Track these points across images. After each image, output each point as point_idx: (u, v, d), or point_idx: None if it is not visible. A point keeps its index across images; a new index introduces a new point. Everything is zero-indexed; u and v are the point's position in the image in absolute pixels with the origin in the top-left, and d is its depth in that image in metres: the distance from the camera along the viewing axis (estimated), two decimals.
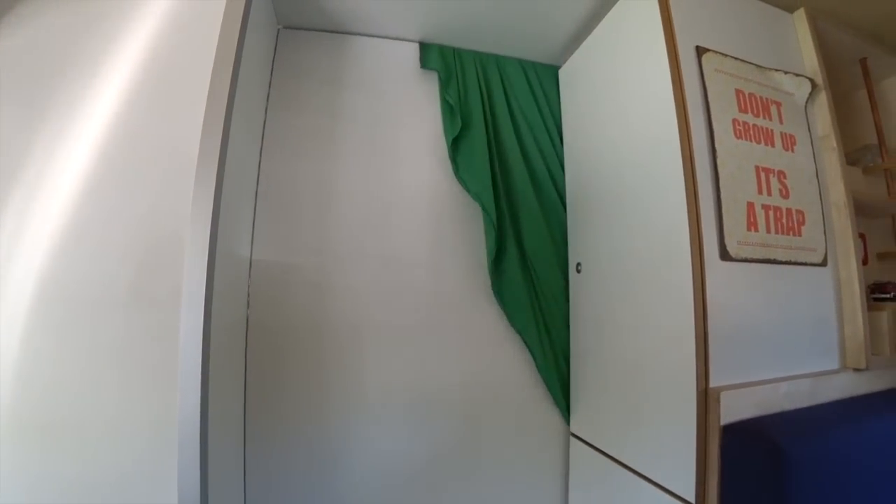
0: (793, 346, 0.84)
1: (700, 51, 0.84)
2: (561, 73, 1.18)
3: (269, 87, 1.10)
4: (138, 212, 0.82)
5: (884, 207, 1.08)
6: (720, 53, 0.86)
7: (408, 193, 1.14)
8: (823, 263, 0.88)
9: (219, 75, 0.83)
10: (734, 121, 0.83)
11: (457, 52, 1.23)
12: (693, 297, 0.73)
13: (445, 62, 1.20)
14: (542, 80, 1.25)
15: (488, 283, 1.12)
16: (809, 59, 0.97)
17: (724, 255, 0.77)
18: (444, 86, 1.18)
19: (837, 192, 0.91)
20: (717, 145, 0.80)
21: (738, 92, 0.85)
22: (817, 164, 0.92)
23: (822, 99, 0.94)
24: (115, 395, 0.76)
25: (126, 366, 0.76)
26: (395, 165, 1.16)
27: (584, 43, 1.08)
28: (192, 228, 0.77)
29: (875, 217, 1.11)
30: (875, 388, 0.91)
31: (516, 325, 1.10)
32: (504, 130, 1.20)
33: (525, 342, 1.12)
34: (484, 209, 1.10)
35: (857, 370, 0.88)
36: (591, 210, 1.02)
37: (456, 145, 1.15)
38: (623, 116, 0.92)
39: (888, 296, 0.98)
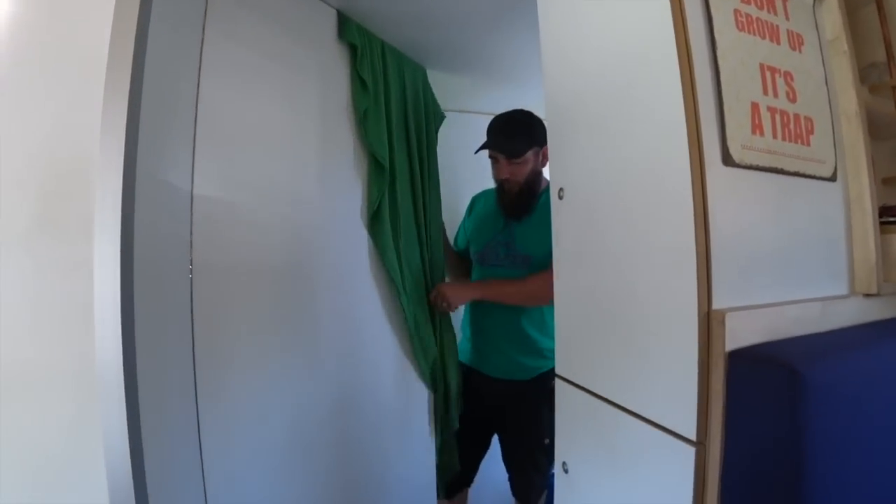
0: (799, 268, 0.75)
1: None
2: None
3: (206, 5, 0.96)
4: (41, 129, 0.69)
5: (891, 127, 0.99)
6: None
7: (324, 146, 1.17)
8: (833, 178, 0.79)
9: None
10: (736, 11, 0.72)
11: (368, 33, 1.32)
12: (693, 208, 0.64)
13: (361, 39, 1.28)
14: (416, 79, 1.51)
15: None
16: None
17: (727, 159, 0.67)
18: (360, 62, 1.26)
19: (848, 101, 0.82)
20: (716, 36, 0.69)
21: None
22: (826, 69, 0.82)
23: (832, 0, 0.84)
24: (25, 340, 0.65)
25: (35, 306, 0.65)
26: (315, 121, 1.17)
27: None
28: (102, 141, 0.65)
29: (882, 139, 1.03)
30: (885, 316, 0.83)
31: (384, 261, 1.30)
32: (395, 112, 1.37)
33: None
34: (381, 161, 1.26)
35: (867, 296, 0.80)
36: (573, 128, 0.91)
37: (365, 115, 1.27)
38: (612, 13, 0.80)
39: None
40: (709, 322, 0.64)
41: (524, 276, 1.44)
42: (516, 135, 1.43)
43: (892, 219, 0.90)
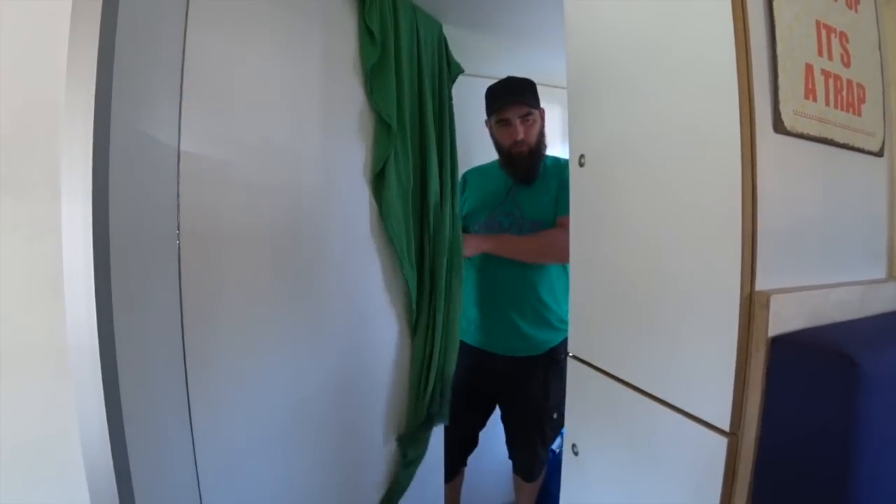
0: (841, 249, 0.70)
1: None
2: None
3: None
4: None
5: None
6: None
7: (327, 103, 1.08)
8: (880, 153, 0.73)
9: None
10: None
11: None
12: (741, 179, 0.57)
13: None
14: (430, 34, 1.37)
15: None
16: None
17: (778, 126, 0.60)
18: (367, 11, 1.14)
19: None
20: None
21: None
22: (880, 31, 0.75)
23: None
24: None
25: None
26: (318, 75, 1.06)
27: None
28: (69, 82, 0.56)
29: None
30: None
31: (387, 228, 1.19)
32: (407, 68, 1.25)
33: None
34: (388, 121, 1.14)
35: None
36: (598, 89, 0.83)
37: (373, 71, 1.16)
38: None
39: None
40: (751, 304, 0.58)
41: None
42: (525, 90, 1.43)
43: None
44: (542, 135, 1.46)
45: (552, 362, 1.42)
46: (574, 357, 0.88)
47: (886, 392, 0.54)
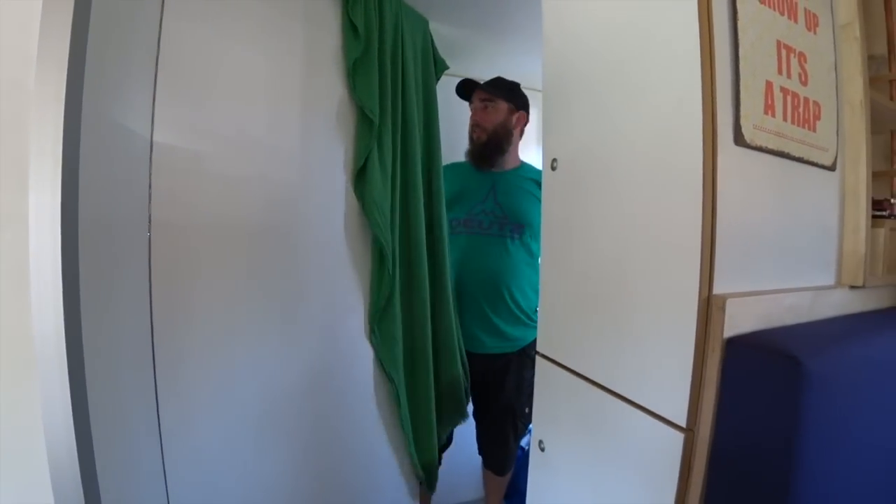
0: (793, 256, 0.74)
1: None
2: None
3: None
4: None
5: (884, 122, 0.99)
6: None
7: (306, 97, 1.06)
8: (832, 167, 0.78)
9: None
10: None
11: None
12: (702, 188, 0.60)
13: None
14: (416, 30, 1.37)
15: None
16: None
17: (739, 138, 0.64)
18: (351, 5, 1.14)
19: (854, 89, 0.80)
20: (738, 6, 0.65)
21: None
22: (836, 54, 0.79)
23: None
24: None
25: None
26: (298, 68, 1.05)
27: None
28: (39, 68, 0.55)
29: (875, 133, 1.02)
30: (867, 308, 0.84)
31: (372, 225, 1.16)
32: (390, 64, 1.24)
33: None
34: (370, 115, 1.14)
35: (852, 287, 0.81)
36: (571, 96, 0.86)
37: (355, 66, 1.15)
38: None
39: (884, 213, 0.91)
40: (708, 307, 0.62)
41: (514, 239, 1.48)
42: (496, 84, 1.52)
43: (880, 213, 0.90)
44: (504, 127, 1.50)
45: (526, 358, 1.45)
46: (541, 355, 0.90)
47: (830, 391, 0.58)
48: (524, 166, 1.59)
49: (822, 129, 0.75)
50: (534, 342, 1.46)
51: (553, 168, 0.88)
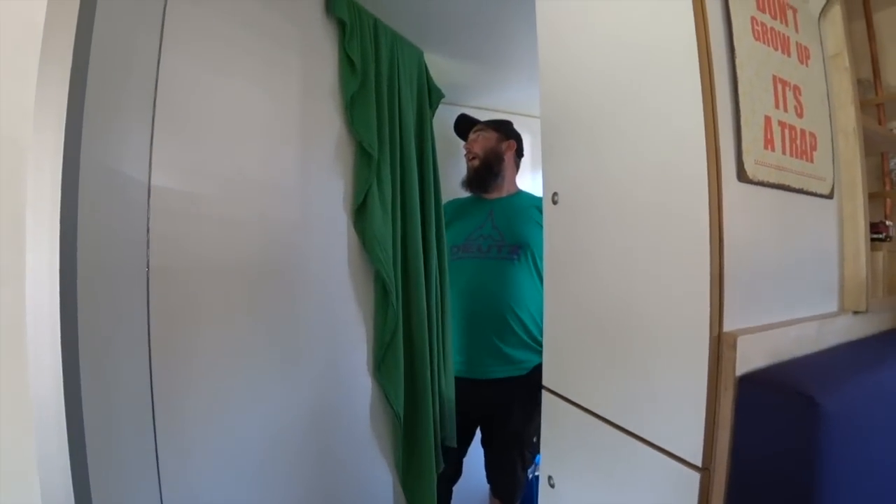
0: (798, 286, 0.74)
1: None
2: None
3: None
4: None
5: (874, 144, 1.01)
6: None
7: (305, 133, 1.05)
8: (830, 195, 0.79)
9: None
10: (753, 19, 0.69)
11: (358, 7, 1.20)
12: (709, 225, 0.60)
13: (350, 15, 1.16)
14: (411, 62, 1.39)
15: None
16: None
17: (741, 175, 0.64)
18: (348, 39, 1.14)
19: (847, 118, 0.82)
20: (735, 44, 0.66)
21: None
22: (828, 84, 0.81)
23: (837, 12, 0.83)
24: None
25: None
26: (295, 104, 1.05)
27: None
28: (37, 120, 0.54)
29: (865, 155, 1.05)
30: (870, 332, 0.85)
31: (374, 261, 1.16)
32: (387, 97, 1.25)
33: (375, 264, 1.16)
34: (369, 150, 1.13)
35: (856, 313, 0.81)
36: (572, 129, 0.86)
37: (352, 100, 1.15)
38: (620, 8, 0.75)
39: (881, 236, 0.92)
40: (719, 345, 0.61)
41: (514, 261, 1.49)
42: (486, 121, 1.63)
43: (877, 236, 0.91)
44: (496, 153, 1.58)
45: (535, 384, 1.44)
46: (548, 389, 0.89)
47: (845, 427, 0.57)
48: (521, 193, 1.64)
49: (818, 158, 0.77)
50: (541, 365, 1.46)
51: (554, 202, 0.88)
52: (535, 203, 1.57)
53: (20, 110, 0.55)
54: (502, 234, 1.50)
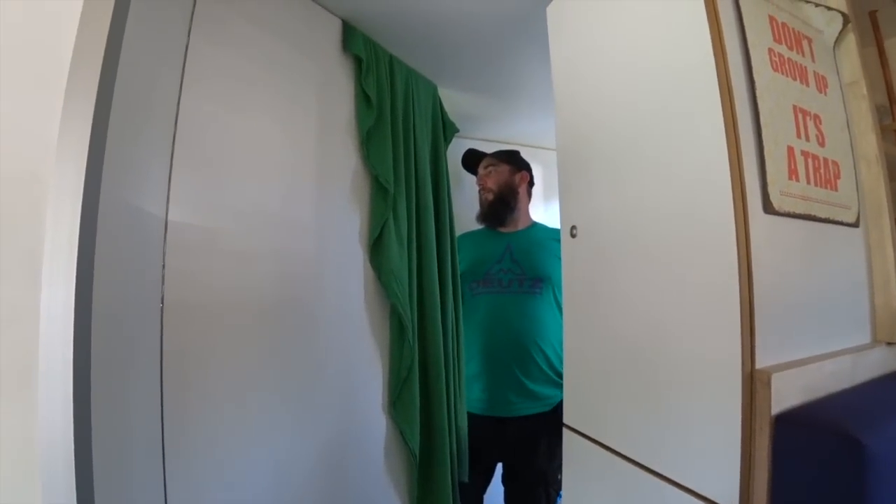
0: (829, 318, 0.72)
1: None
2: (549, 10, 1.01)
3: (194, 7, 0.85)
4: None
5: (894, 169, 1.00)
6: None
7: (321, 168, 1.06)
8: (856, 224, 0.77)
9: None
10: (770, 50, 0.69)
11: (374, 44, 1.22)
12: (737, 260, 0.59)
13: (367, 51, 1.18)
14: (425, 96, 1.41)
15: None
16: None
17: (767, 206, 0.63)
18: (364, 75, 1.16)
19: (868, 144, 0.81)
20: (755, 76, 0.65)
21: (771, 19, 0.72)
22: (847, 112, 0.80)
23: (851, 41, 0.83)
24: None
25: None
26: (313, 139, 1.06)
27: None
28: (59, 158, 0.54)
29: (889, 181, 1.03)
30: None
31: (390, 296, 1.14)
32: (402, 132, 1.25)
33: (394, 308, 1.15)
34: (385, 185, 1.13)
35: (889, 344, 0.78)
36: (590, 162, 0.86)
37: (369, 135, 1.16)
38: (637, 44, 0.76)
39: None
40: (752, 382, 0.59)
41: (536, 294, 1.47)
42: (495, 153, 1.63)
43: None
44: (510, 186, 1.58)
45: (559, 420, 1.40)
46: (569, 427, 0.86)
47: (890, 467, 0.54)
48: (537, 226, 1.63)
49: (842, 187, 0.75)
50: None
51: (573, 235, 0.87)
52: (553, 236, 1.55)
53: (42, 145, 0.55)
54: (523, 267, 1.48)
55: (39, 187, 0.54)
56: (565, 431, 0.87)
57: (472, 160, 1.67)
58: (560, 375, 1.44)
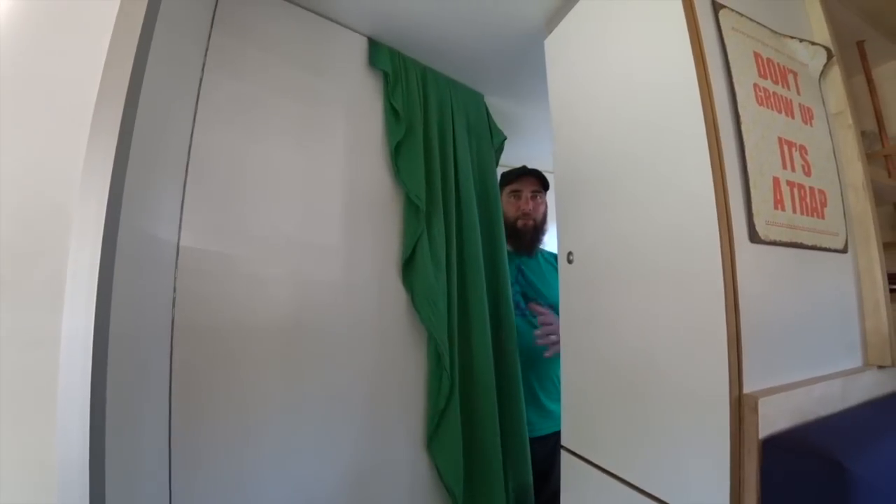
0: (819, 343, 0.74)
1: (716, 6, 0.73)
2: (547, 43, 1.06)
3: (208, 42, 0.90)
4: (8, 174, 0.61)
5: (884, 195, 1.02)
6: (735, 12, 0.76)
7: (348, 188, 1.05)
8: (844, 250, 0.79)
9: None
10: (755, 86, 0.73)
11: (403, 57, 1.20)
12: (723, 288, 0.61)
13: (394, 65, 1.16)
14: (469, 106, 1.35)
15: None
16: (820, 32, 0.89)
17: (753, 236, 0.65)
18: (392, 89, 1.13)
19: (854, 173, 0.83)
20: (740, 110, 0.69)
21: (756, 55, 0.75)
22: (833, 141, 0.83)
23: (836, 73, 0.86)
24: None
25: None
26: (337, 159, 1.05)
27: (578, 5, 0.96)
28: (83, 191, 0.57)
29: (877, 205, 1.05)
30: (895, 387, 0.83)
31: (423, 320, 1.07)
32: (438, 145, 1.20)
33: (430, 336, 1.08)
34: (416, 201, 1.09)
35: (880, 367, 0.79)
36: (585, 190, 0.89)
37: (398, 149, 1.12)
38: (628, 81, 0.80)
39: None
40: (740, 407, 0.61)
41: None
42: (540, 174, 1.57)
43: (894, 286, 0.90)
44: (545, 218, 1.58)
45: (552, 450, 1.38)
46: (567, 449, 0.87)
47: (875, 492, 0.55)
48: (544, 252, 1.63)
49: (829, 214, 0.78)
50: (554, 434, 1.41)
51: (570, 261, 0.90)
52: (554, 260, 1.57)
53: (67, 178, 0.59)
54: (538, 291, 1.49)
55: (63, 219, 0.58)
56: (563, 454, 0.89)
57: (517, 170, 1.57)
58: (549, 410, 1.45)
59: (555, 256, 1.57)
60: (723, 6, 0.74)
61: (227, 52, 0.89)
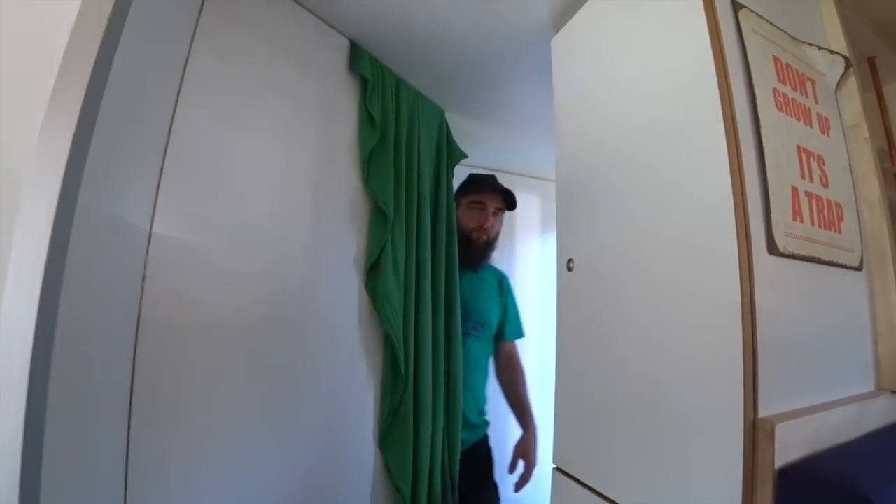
0: (833, 365, 0.69)
1: (736, 6, 0.70)
2: (554, 42, 1.02)
3: (199, 15, 0.84)
4: None
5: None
6: (755, 13, 0.72)
7: (320, 188, 1.03)
8: (859, 267, 0.76)
9: None
10: (775, 90, 0.69)
11: (381, 66, 1.20)
12: (741, 302, 0.56)
13: (373, 71, 1.17)
14: (432, 120, 1.39)
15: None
16: (836, 41, 0.86)
17: (772, 247, 0.61)
18: (369, 95, 1.14)
19: (870, 187, 0.80)
20: (760, 114, 0.65)
21: (775, 59, 0.72)
22: (849, 154, 0.80)
23: (853, 84, 0.83)
24: None
25: None
26: (311, 158, 1.03)
27: (587, 4, 0.93)
28: (36, 162, 0.51)
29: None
30: None
31: (383, 322, 1.09)
32: (406, 155, 1.22)
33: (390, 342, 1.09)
34: (384, 208, 1.10)
35: (893, 392, 0.75)
36: (589, 195, 0.84)
37: (370, 156, 1.13)
38: (641, 79, 0.75)
39: None
40: (755, 432, 0.56)
41: (474, 337, 1.43)
42: (506, 191, 1.51)
43: None
44: (497, 236, 1.54)
45: (473, 460, 1.35)
46: (559, 470, 0.82)
47: None
48: (489, 268, 1.58)
49: (846, 229, 0.74)
50: (473, 446, 1.36)
51: (569, 269, 0.85)
52: (497, 279, 1.54)
53: (20, 142, 0.52)
54: (468, 308, 1.44)
55: (12, 186, 0.52)
56: (554, 474, 0.83)
57: (485, 180, 1.55)
58: (476, 413, 1.41)
59: (502, 276, 1.58)
60: (742, 6, 0.70)
61: (218, 34, 0.84)
